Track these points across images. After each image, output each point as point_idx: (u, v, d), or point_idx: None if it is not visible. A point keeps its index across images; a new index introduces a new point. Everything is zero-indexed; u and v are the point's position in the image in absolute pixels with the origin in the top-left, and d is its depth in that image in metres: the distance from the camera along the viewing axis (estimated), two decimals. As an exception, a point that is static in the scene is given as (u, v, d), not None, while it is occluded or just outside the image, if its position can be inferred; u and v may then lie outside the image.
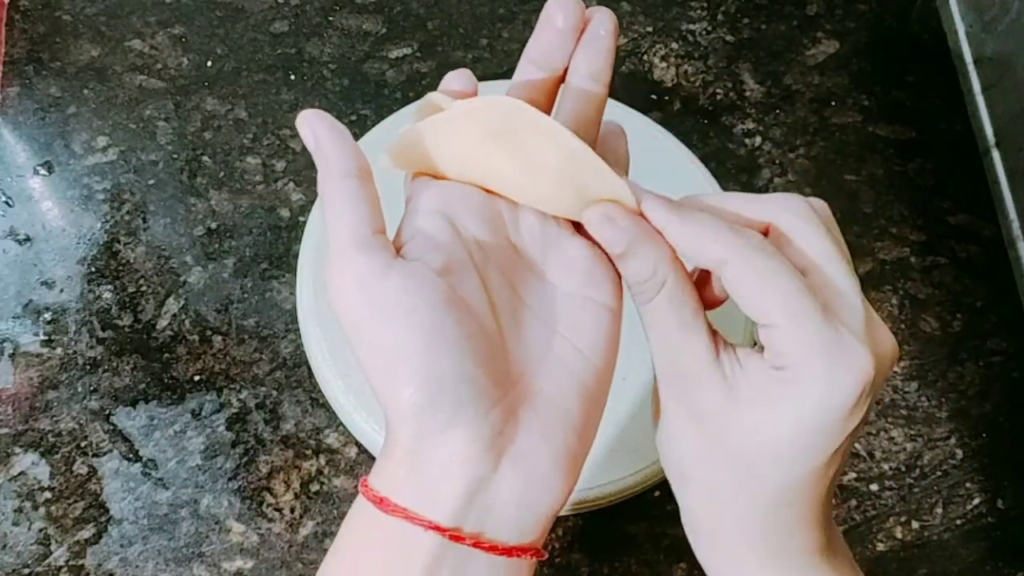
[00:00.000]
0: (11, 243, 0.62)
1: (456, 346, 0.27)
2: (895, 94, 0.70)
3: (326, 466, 0.56)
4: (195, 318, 0.60)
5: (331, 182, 0.30)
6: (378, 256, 0.28)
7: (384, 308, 0.27)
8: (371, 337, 0.27)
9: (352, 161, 0.30)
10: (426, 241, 0.29)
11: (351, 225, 0.29)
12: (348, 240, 0.28)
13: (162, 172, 0.64)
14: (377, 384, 0.28)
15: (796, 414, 0.27)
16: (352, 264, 0.28)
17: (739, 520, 0.29)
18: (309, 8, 0.71)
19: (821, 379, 0.26)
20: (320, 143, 0.30)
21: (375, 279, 0.28)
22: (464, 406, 0.27)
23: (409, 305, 0.27)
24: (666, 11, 0.72)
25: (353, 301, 0.28)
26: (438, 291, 0.28)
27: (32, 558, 0.53)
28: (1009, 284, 0.63)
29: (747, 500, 0.28)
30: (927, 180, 0.67)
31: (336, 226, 0.29)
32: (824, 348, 0.26)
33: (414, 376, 0.27)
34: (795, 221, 0.29)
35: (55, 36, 0.69)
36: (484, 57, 0.69)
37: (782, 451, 0.27)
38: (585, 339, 0.30)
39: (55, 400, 0.57)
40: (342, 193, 0.29)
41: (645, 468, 0.53)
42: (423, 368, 0.27)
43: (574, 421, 0.29)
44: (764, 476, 0.28)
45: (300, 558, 0.54)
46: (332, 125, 0.30)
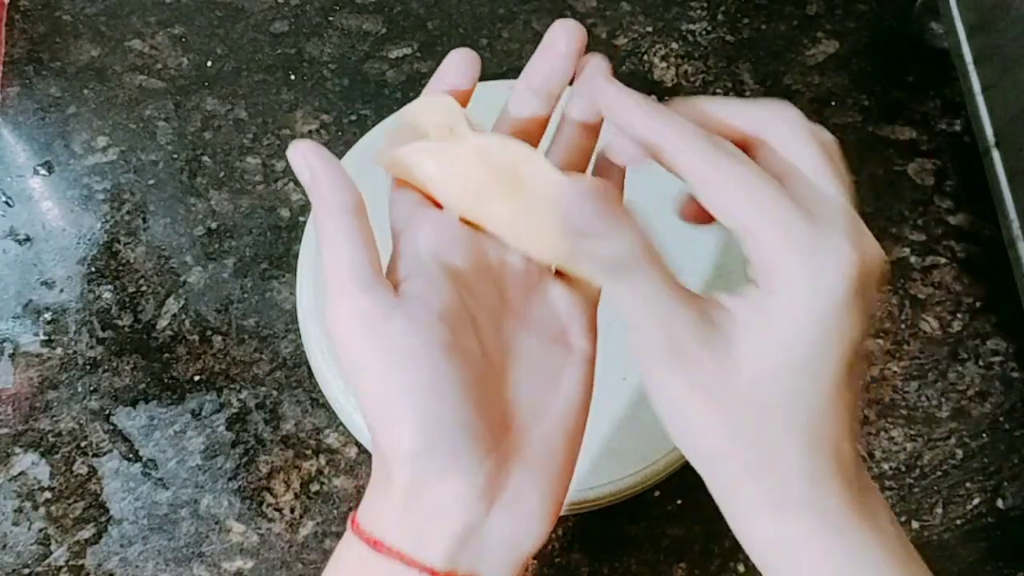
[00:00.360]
0: (11, 243, 0.62)
1: (456, 392, 0.27)
2: (895, 94, 0.70)
3: (326, 466, 0.56)
4: (195, 318, 0.60)
5: (329, 218, 0.29)
6: (381, 297, 0.28)
7: (387, 351, 0.27)
8: (373, 379, 0.27)
9: (348, 196, 0.29)
10: (424, 283, 0.29)
11: (352, 263, 0.28)
12: (350, 279, 0.28)
13: (162, 172, 0.64)
14: (375, 424, 0.28)
15: (790, 326, 0.26)
16: (356, 304, 0.28)
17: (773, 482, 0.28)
18: (309, 8, 0.71)
19: (805, 278, 0.26)
20: (316, 177, 0.29)
21: (379, 321, 0.27)
22: (461, 452, 0.27)
23: (412, 349, 0.27)
24: (666, 11, 0.72)
25: (357, 342, 0.27)
26: (439, 336, 0.28)
27: (32, 558, 0.53)
28: (1009, 284, 0.63)
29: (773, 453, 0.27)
30: (927, 180, 0.67)
31: (336, 264, 0.28)
32: (805, 247, 0.26)
33: (415, 421, 0.27)
34: (781, 128, 0.29)
35: (55, 36, 0.69)
36: (484, 57, 0.69)
37: (788, 381, 0.26)
38: (565, 383, 0.31)
39: (55, 400, 0.57)
40: (340, 230, 0.29)
41: (645, 468, 0.53)
42: (424, 413, 0.27)
43: (558, 464, 0.30)
44: (780, 416, 0.27)
45: (300, 558, 0.54)
46: (327, 158, 0.30)
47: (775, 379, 0.27)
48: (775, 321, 0.26)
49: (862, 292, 0.26)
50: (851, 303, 0.26)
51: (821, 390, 0.27)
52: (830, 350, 0.26)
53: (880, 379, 0.61)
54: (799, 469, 0.27)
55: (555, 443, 0.30)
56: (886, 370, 0.61)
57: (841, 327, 0.26)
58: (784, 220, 0.26)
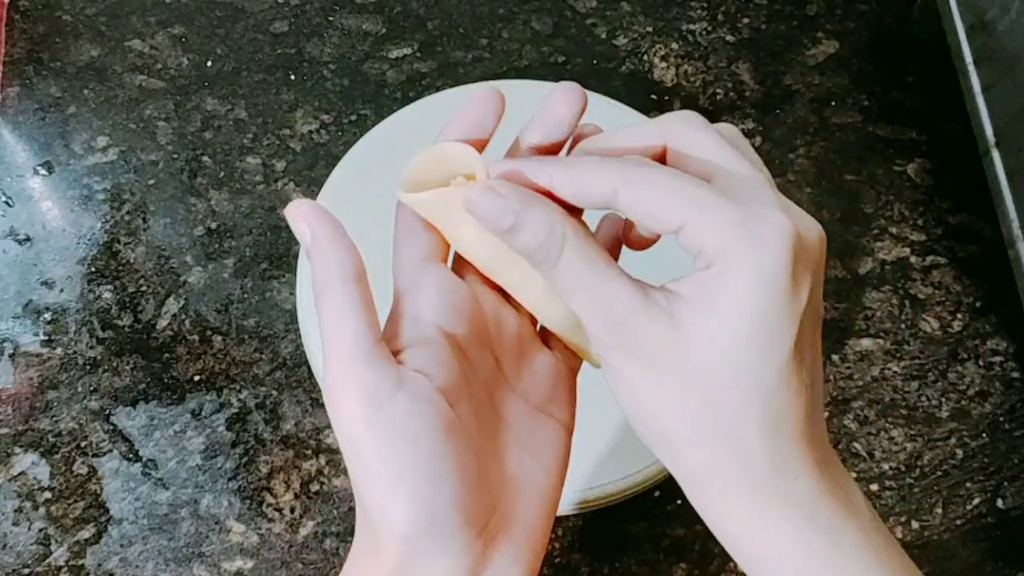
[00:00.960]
0: (11, 243, 0.62)
1: (455, 475, 0.27)
2: (895, 94, 0.70)
3: (326, 466, 0.56)
4: (195, 318, 0.60)
5: (332, 286, 0.28)
6: (385, 372, 0.27)
7: (389, 431, 0.26)
8: (371, 456, 0.27)
9: (351, 262, 0.28)
10: (426, 354, 0.28)
11: (356, 334, 0.27)
12: (353, 351, 0.27)
13: (162, 172, 0.64)
14: (368, 501, 0.27)
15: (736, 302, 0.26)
16: (359, 380, 0.27)
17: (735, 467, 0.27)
18: (309, 8, 0.71)
19: (745, 252, 0.26)
20: (318, 242, 0.28)
21: (383, 399, 0.27)
22: (455, 537, 0.27)
23: (415, 431, 0.27)
24: (666, 11, 0.72)
25: (358, 419, 0.27)
26: (441, 416, 0.27)
27: (32, 558, 0.53)
28: (1009, 284, 0.63)
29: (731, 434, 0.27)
30: (927, 180, 0.67)
31: (338, 334, 0.27)
32: (738, 221, 0.26)
33: (412, 505, 0.26)
34: (687, 132, 0.28)
35: (55, 36, 0.69)
36: (484, 57, 0.69)
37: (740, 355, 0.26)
38: (546, 455, 0.31)
39: (55, 400, 0.57)
40: (344, 299, 0.28)
41: (645, 468, 0.53)
42: (422, 498, 0.26)
43: (537, 540, 0.30)
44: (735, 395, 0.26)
45: (300, 558, 0.54)
46: (330, 221, 0.29)
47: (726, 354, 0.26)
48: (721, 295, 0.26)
49: (802, 260, 0.26)
50: (793, 270, 0.26)
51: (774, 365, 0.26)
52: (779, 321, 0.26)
53: (880, 379, 0.61)
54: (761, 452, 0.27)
55: (535, 518, 0.30)
56: (886, 370, 0.61)
57: (787, 296, 0.26)
58: (713, 205, 0.26)
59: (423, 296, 0.30)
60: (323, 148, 0.65)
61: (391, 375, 0.27)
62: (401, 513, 0.26)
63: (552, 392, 0.32)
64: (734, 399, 0.26)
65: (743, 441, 0.27)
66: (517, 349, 0.31)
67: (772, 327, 0.26)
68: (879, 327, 0.62)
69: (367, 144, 0.62)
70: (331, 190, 0.61)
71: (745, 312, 0.26)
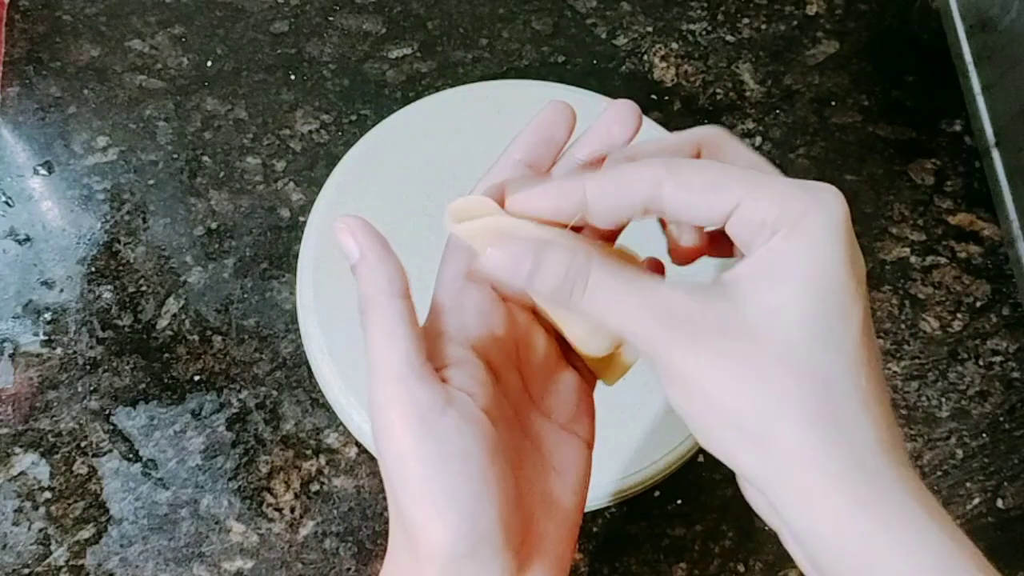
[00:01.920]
0: (11, 243, 0.62)
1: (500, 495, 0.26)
2: (895, 94, 0.70)
3: (326, 466, 0.56)
4: (195, 318, 0.60)
5: (381, 303, 0.28)
6: (434, 390, 0.27)
7: (440, 449, 0.26)
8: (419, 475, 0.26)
9: (400, 279, 0.28)
10: (467, 375, 0.28)
11: (406, 351, 0.27)
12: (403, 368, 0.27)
13: (162, 172, 0.64)
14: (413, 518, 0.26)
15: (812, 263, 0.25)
16: (409, 397, 0.26)
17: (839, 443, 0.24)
18: (309, 8, 0.71)
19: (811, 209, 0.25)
20: (367, 258, 0.28)
21: (434, 417, 0.26)
22: (496, 558, 0.26)
23: (464, 450, 0.26)
24: (666, 11, 0.72)
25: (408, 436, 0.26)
26: (488, 436, 0.27)
27: (32, 558, 0.53)
28: (1009, 284, 0.63)
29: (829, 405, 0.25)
30: (927, 180, 0.67)
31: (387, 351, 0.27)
32: (796, 188, 0.25)
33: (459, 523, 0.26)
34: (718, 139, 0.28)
35: (55, 36, 0.69)
36: (484, 57, 0.69)
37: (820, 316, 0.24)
38: (570, 473, 0.30)
39: (55, 400, 0.57)
40: (394, 316, 0.27)
41: (645, 468, 0.53)
42: (470, 517, 0.26)
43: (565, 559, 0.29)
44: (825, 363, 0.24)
45: (300, 558, 0.54)
46: (378, 237, 0.28)
47: (804, 317, 0.24)
48: (793, 261, 0.25)
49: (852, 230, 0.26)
50: (848, 237, 0.25)
51: (855, 326, 0.25)
52: (850, 279, 0.25)
53: (880, 379, 0.61)
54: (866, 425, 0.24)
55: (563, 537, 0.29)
56: (886, 370, 0.61)
57: (851, 255, 0.25)
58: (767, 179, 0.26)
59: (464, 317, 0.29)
60: (323, 148, 0.65)
61: (440, 393, 0.27)
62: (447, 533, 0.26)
63: (576, 410, 0.31)
64: (824, 367, 0.24)
65: (843, 413, 0.24)
66: (544, 369, 0.31)
67: (845, 285, 0.25)
68: (879, 327, 0.62)
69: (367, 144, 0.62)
70: (331, 190, 0.61)
71: (815, 271, 0.25)
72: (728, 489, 0.56)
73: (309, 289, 0.57)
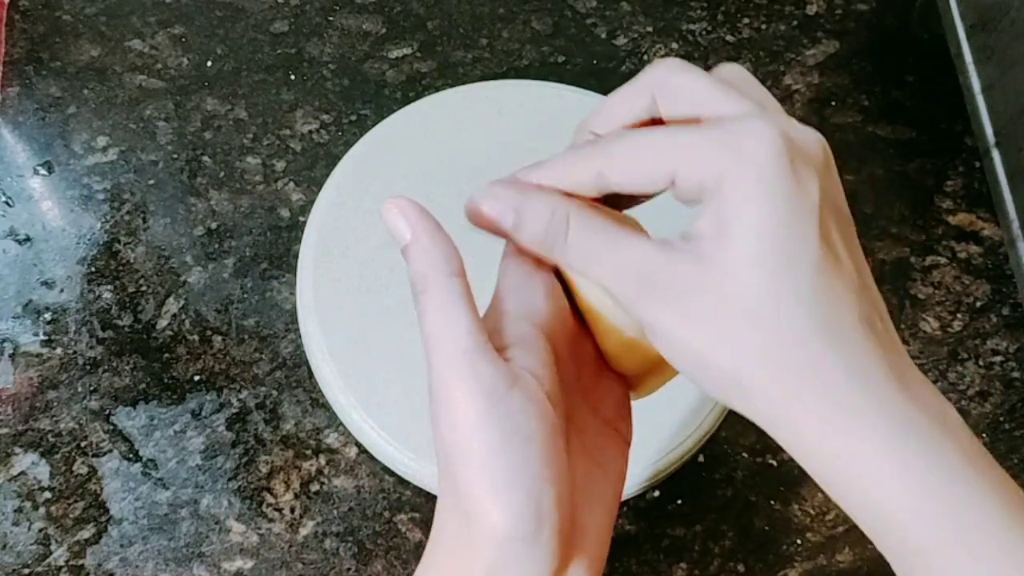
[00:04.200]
0: (11, 243, 0.62)
1: (560, 481, 0.26)
2: (895, 94, 0.70)
3: (326, 466, 0.56)
4: (195, 318, 0.60)
5: (438, 281, 0.27)
6: (500, 368, 0.26)
7: (504, 428, 0.26)
8: (484, 452, 0.26)
9: (455, 257, 0.28)
10: (531, 355, 0.28)
11: (470, 329, 0.27)
12: (468, 344, 0.26)
13: (162, 172, 0.64)
14: (473, 498, 0.26)
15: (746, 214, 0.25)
16: (475, 373, 0.26)
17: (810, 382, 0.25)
18: (309, 8, 0.71)
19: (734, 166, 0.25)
20: (419, 237, 0.28)
21: (500, 394, 0.26)
22: (551, 542, 0.26)
23: (529, 431, 0.26)
24: (666, 11, 0.72)
25: (470, 413, 0.26)
26: (550, 419, 0.27)
27: (32, 558, 0.53)
28: (1009, 284, 0.63)
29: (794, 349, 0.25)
30: (927, 180, 0.67)
31: (453, 328, 0.27)
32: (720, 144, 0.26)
33: (520, 506, 0.25)
34: (671, 80, 0.28)
35: (55, 36, 0.69)
36: (484, 57, 0.69)
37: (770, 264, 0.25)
38: (611, 468, 0.30)
39: (55, 400, 0.57)
40: (453, 294, 0.27)
41: (645, 468, 0.53)
42: (532, 500, 0.25)
43: (604, 552, 0.29)
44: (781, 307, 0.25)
45: (300, 558, 0.54)
46: (430, 217, 0.28)
47: (756, 268, 0.25)
48: (731, 216, 0.25)
49: (798, 158, 0.26)
50: (790, 166, 0.25)
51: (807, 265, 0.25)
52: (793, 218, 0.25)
53: (880, 379, 0.61)
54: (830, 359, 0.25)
55: (603, 531, 0.29)
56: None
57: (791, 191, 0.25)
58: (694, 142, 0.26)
59: (533, 297, 0.29)
60: (323, 148, 0.65)
61: (506, 371, 0.26)
62: (507, 513, 0.25)
63: (620, 409, 0.31)
64: (781, 312, 0.25)
65: (809, 354, 0.25)
66: (594, 365, 0.32)
67: (789, 225, 0.25)
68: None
69: (367, 144, 0.62)
70: (331, 190, 0.61)
71: (757, 219, 0.25)
72: (728, 489, 0.56)
73: (309, 289, 0.57)
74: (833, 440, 0.25)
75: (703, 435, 0.54)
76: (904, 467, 0.25)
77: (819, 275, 0.25)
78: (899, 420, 0.25)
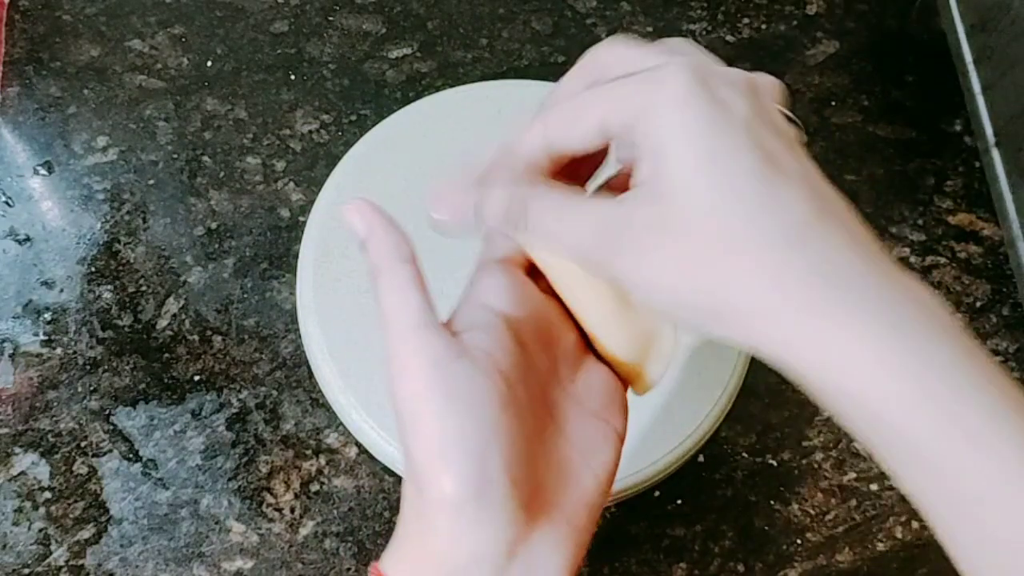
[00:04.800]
0: (11, 243, 0.62)
1: (508, 446, 0.27)
2: (895, 94, 0.70)
3: (326, 466, 0.56)
4: (195, 318, 0.60)
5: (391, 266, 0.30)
6: (449, 341, 0.28)
7: (450, 392, 0.27)
8: (430, 418, 0.27)
9: (406, 247, 0.30)
10: (488, 337, 0.29)
11: (419, 308, 0.29)
12: (420, 321, 0.28)
13: (162, 172, 0.64)
14: (421, 463, 0.27)
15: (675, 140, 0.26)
16: (424, 342, 0.28)
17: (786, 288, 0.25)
18: (309, 8, 0.71)
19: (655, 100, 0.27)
20: (375, 232, 0.30)
21: (447, 361, 0.28)
22: (503, 506, 0.27)
23: (475, 394, 0.27)
24: (666, 11, 0.72)
25: (420, 379, 0.27)
26: (499, 390, 0.28)
27: (32, 558, 0.53)
28: (1009, 284, 0.63)
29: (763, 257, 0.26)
30: (927, 180, 0.67)
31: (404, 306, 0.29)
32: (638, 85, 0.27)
33: (465, 468, 0.27)
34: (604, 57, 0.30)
35: (55, 36, 0.69)
36: (484, 57, 0.69)
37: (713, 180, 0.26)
38: (597, 458, 0.31)
39: (55, 400, 0.57)
40: (404, 277, 0.29)
41: (645, 468, 0.53)
42: (477, 462, 0.27)
43: (579, 536, 0.30)
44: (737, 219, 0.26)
45: (300, 558, 0.54)
46: (383, 213, 0.31)
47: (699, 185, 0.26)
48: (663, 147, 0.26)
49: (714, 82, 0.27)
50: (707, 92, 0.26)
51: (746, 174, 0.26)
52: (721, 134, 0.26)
53: (880, 379, 0.61)
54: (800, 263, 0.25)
55: (579, 515, 0.30)
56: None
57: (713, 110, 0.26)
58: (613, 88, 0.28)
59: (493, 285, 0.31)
60: (323, 148, 0.65)
61: (453, 344, 0.28)
62: (453, 474, 0.27)
63: (607, 401, 0.32)
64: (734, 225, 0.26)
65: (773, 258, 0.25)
66: (574, 356, 0.33)
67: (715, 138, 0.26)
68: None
69: (367, 144, 0.62)
70: (331, 190, 0.61)
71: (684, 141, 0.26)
72: (728, 489, 0.56)
73: (309, 289, 0.57)
74: (816, 339, 0.25)
75: (703, 435, 0.54)
76: (892, 356, 0.25)
77: (761, 182, 0.26)
78: (881, 308, 0.25)
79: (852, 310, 0.25)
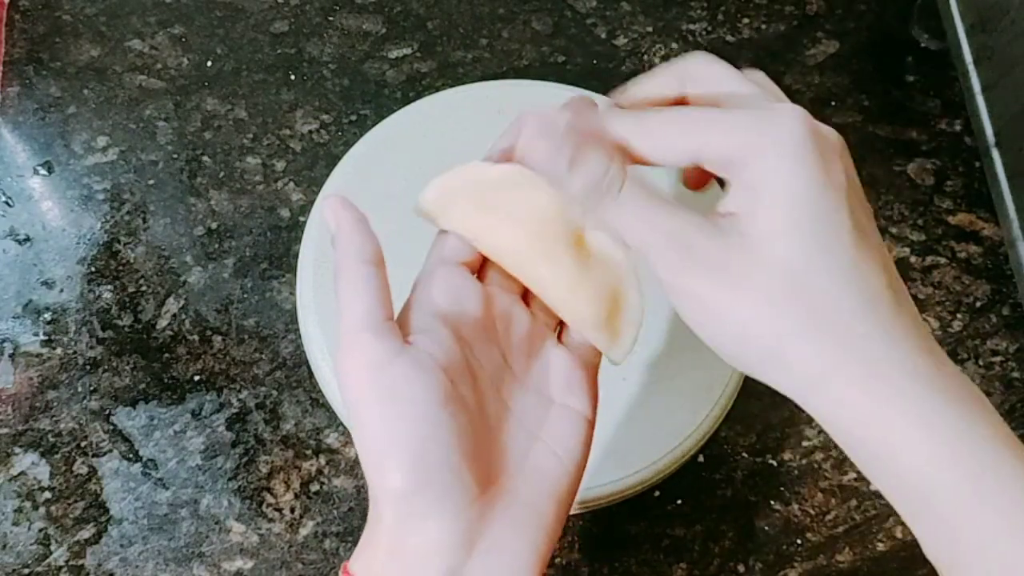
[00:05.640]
0: (11, 243, 0.62)
1: (447, 439, 0.28)
2: (895, 94, 0.70)
3: (326, 466, 0.56)
4: (195, 318, 0.60)
5: (349, 264, 0.30)
6: (389, 342, 0.29)
7: (387, 393, 0.28)
8: (370, 418, 0.28)
9: (369, 247, 0.31)
10: (431, 340, 0.30)
11: (366, 309, 0.30)
12: (362, 323, 0.29)
13: (162, 172, 0.64)
14: (368, 464, 0.29)
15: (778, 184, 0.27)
16: (365, 347, 0.29)
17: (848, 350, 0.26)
18: (309, 8, 0.71)
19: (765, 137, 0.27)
20: (341, 227, 0.31)
21: (385, 364, 0.29)
22: (446, 497, 0.28)
23: (411, 394, 0.28)
24: (666, 11, 0.72)
25: (359, 382, 0.29)
26: (439, 385, 0.29)
27: (32, 558, 0.53)
28: (1009, 284, 0.63)
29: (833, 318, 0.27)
30: (927, 180, 0.67)
31: (351, 308, 0.30)
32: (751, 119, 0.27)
33: (404, 462, 0.28)
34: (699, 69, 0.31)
35: (55, 36, 0.69)
36: (484, 57, 0.69)
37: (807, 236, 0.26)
38: (562, 445, 0.32)
39: (55, 400, 0.57)
40: (359, 276, 0.30)
41: (645, 468, 0.53)
42: (414, 456, 0.28)
43: (545, 522, 0.30)
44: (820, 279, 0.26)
45: (300, 558, 0.54)
46: (354, 211, 0.32)
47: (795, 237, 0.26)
48: (761, 186, 0.27)
49: (822, 143, 0.27)
50: (817, 147, 0.27)
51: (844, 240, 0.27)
52: (825, 196, 0.27)
53: (880, 379, 0.61)
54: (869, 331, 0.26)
55: (542, 502, 0.30)
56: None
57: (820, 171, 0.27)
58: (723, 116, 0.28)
59: (434, 288, 0.32)
60: (323, 148, 0.65)
61: (394, 345, 0.29)
62: (394, 470, 0.28)
63: (567, 385, 0.33)
64: (820, 283, 0.26)
65: (848, 324, 0.26)
66: (527, 346, 0.33)
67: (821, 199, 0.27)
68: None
69: (367, 144, 0.62)
70: (331, 190, 0.61)
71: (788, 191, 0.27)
72: (728, 489, 0.56)
73: (309, 289, 0.57)
74: (869, 407, 0.26)
75: (703, 435, 0.54)
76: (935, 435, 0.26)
77: (853, 248, 0.27)
78: (934, 388, 0.26)
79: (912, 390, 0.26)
